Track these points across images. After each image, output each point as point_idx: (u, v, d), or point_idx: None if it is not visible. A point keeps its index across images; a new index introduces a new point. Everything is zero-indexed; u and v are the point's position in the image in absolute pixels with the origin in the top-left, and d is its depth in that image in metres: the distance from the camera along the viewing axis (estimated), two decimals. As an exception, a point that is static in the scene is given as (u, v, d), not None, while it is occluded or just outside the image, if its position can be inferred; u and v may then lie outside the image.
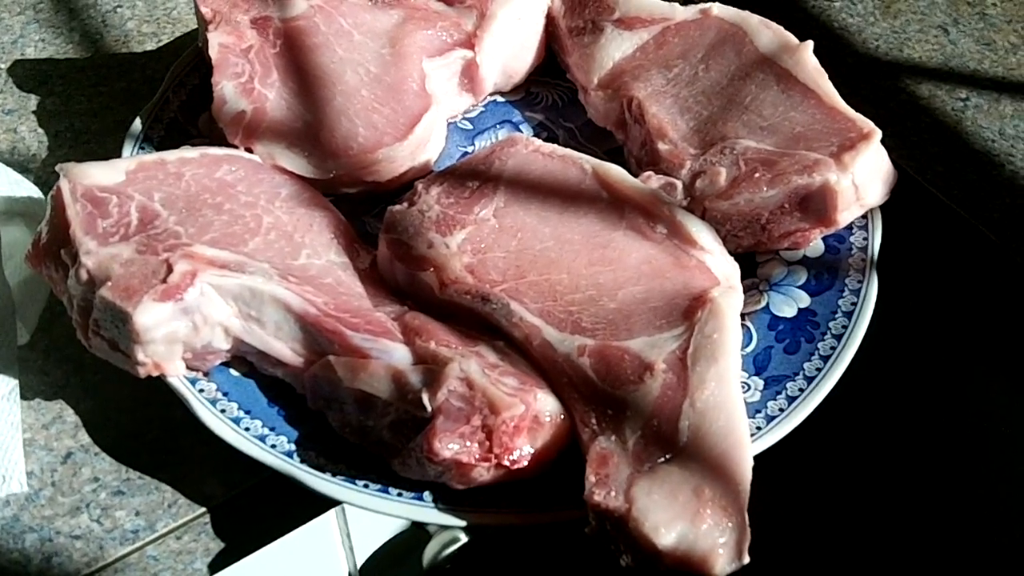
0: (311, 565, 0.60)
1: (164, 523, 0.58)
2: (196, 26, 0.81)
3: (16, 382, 0.61)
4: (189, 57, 0.73)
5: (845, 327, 0.62)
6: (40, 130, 0.74)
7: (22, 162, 0.73)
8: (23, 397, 0.62)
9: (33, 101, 0.76)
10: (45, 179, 0.71)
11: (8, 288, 0.63)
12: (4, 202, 0.65)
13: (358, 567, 0.62)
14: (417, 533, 0.59)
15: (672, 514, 0.49)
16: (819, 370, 0.60)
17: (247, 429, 0.57)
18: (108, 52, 0.79)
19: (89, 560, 0.57)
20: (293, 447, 0.56)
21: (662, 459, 0.51)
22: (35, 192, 0.68)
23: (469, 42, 0.72)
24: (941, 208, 0.73)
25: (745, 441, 0.52)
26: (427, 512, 0.54)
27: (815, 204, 0.63)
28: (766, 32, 0.71)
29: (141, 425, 0.61)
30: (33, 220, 0.66)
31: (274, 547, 0.57)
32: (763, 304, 0.64)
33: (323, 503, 0.59)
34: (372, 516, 0.56)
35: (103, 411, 0.62)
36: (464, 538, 0.56)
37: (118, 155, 0.71)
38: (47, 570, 0.57)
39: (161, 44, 0.80)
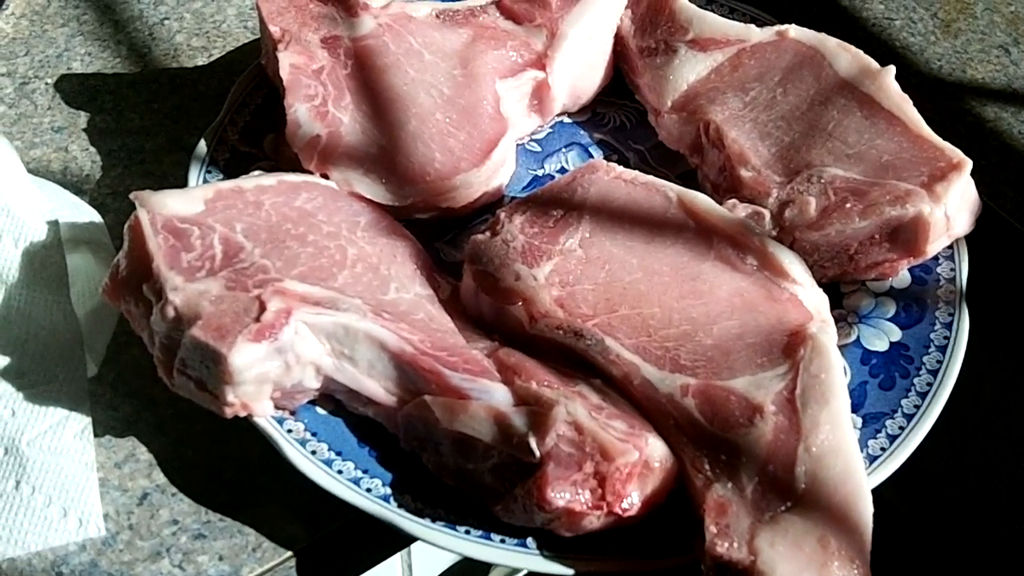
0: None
1: (250, 568, 0.56)
2: (246, 40, 0.78)
3: (89, 419, 0.58)
4: (250, 76, 0.70)
5: (940, 362, 0.61)
6: (92, 149, 0.71)
7: (76, 183, 0.70)
8: (93, 434, 0.59)
9: (83, 118, 0.73)
10: (101, 201, 0.68)
11: (76, 319, 0.60)
12: (68, 228, 0.62)
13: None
14: (474, 564, 0.57)
15: (799, 566, 0.48)
16: (917, 407, 0.59)
17: (340, 472, 0.55)
18: (158, 67, 0.76)
19: (173, 607, 0.55)
20: (389, 490, 0.54)
21: (783, 507, 0.50)
22: (96, 216, 0.66)
23: (540, 62, 0.70)
24: (1014, 234, 0.72)
25: (864, 486, 0.51)
26: (532, 560, 0.52)
27: (905, 235, 0.62)
28: (845, 56, 0.69)
29: (218, 464, 0.59)
30: (98, 247, 0.63)
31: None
32: (854, 337, 0.62)
33: (399, 542, 0.57)
34: (431, 549, 0.54)
35: (177, 449, 0.60)
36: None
37: (175, 175, 0.69)
38: (129, 618, 0.55)
39: (212, 59, 0.77)
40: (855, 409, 0.59)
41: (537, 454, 0.51)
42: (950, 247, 0.65)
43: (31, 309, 0.60)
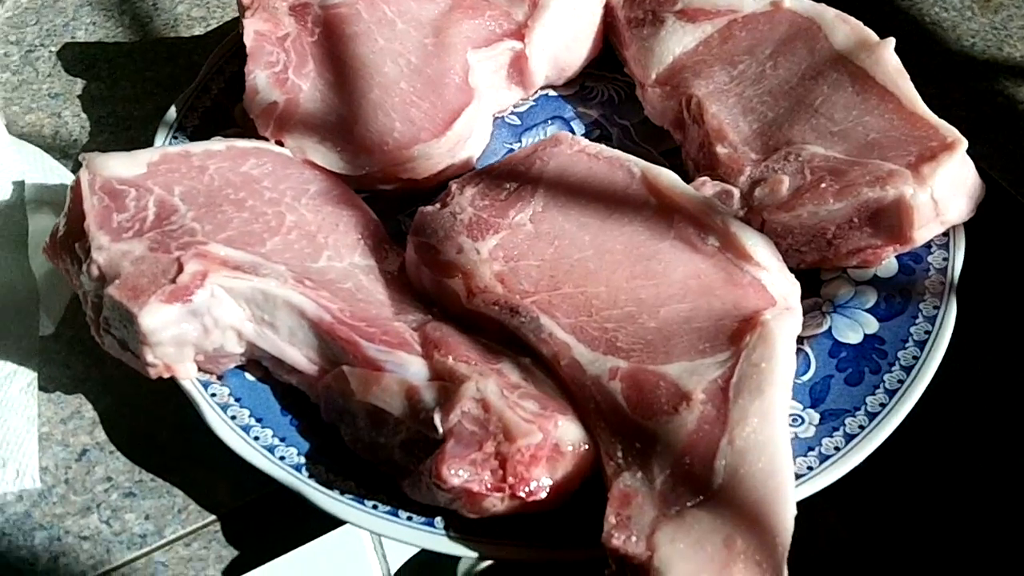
0: (341, 572, 0.58)
1: (173, 529, 0.56)
2: (245, 11, 0.78)
3: (35, 375, 0.60)
4: (230, 44, 0.70)
5: (916, 358, 0.56)
6: (84, 115, 0.73)
7: (64, 147, 0.71)
8: (43, 390, 0.60)
9: (79, 85, 0.75)
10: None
11: (33, 278, 0.61)
12: (35, 189, 0.63)
13: (392, 574, 0.59)
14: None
15: (697, 566, 0.44)
16: (883, 406, 0.54)
17: (256, 438, 0.54)
18: (156, 36, 0.77)
19: (96, 563, 0.55)
20: (302, 460, 0.53)
21: (692, 503, 0.47)
22: (69, 179, 0.67)
23: (519, 32, 0.67)
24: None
25: (788, 487, 0.47)
26: (437, 540, 0.50)
27: (888, 220, 0.57)
28: (843, 27, 0.64)
29: (156, 425, 0.59)
30: (62, 209, 0.64)
31: (302, 552, 0.54)
32: (825, 328, 0.58)
33: (331, 520, 0.56)
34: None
35: (120, 408, 0.60)
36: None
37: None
38: (53, 570, 0.55)
39: (209, 29, 0.77)
40: (814, 404, 0.55)
41: (440, 430, 0.49)
42: (945, 234, 0.60)
43: (-10, 266, 0.61)
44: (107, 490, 0.57)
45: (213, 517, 0.56)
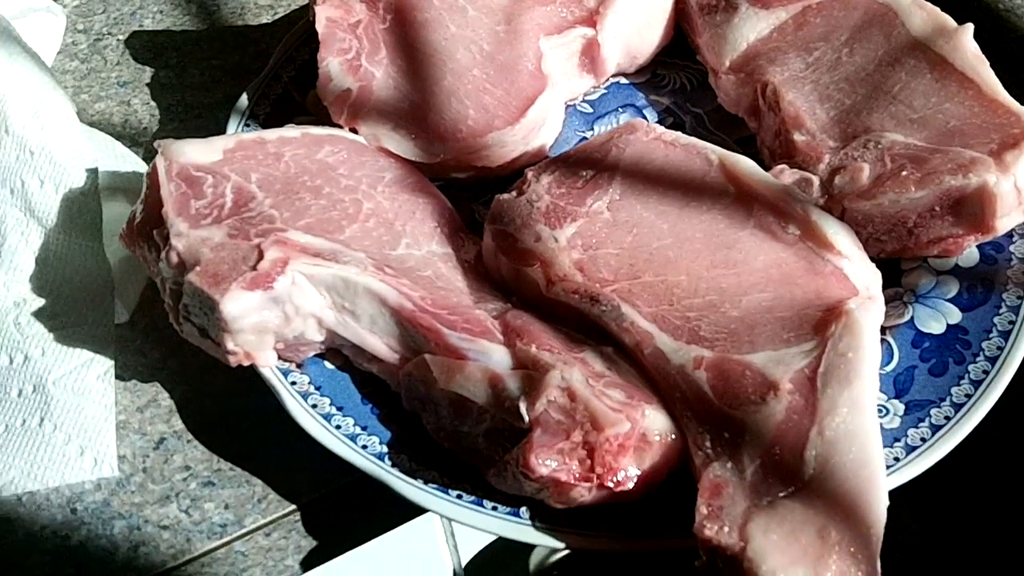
0: (414, 563, 0.58)
1: (253, 518, 0.56)
2: (311, -1, 0.78)
3: (111, 363, 0.60)
4: (300, 31, 0.70)
5: (1001, 348, 0.55)
6: (153, 103, 0.73)
7: (133, 135, 0.71)
8: (120, 378, 0.61)
9: (148, 74, 0.75)
10: (154, 154, 0.70)
11: (108, 265, 0.62)
12: (108, 177, 0.64)
13: (463, 566, 0.59)
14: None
15: (792, 558, 0.44)
16: (968, 396, 0.53)
17: (338, 427, 0.54)
18: (224, 24, 0.77)
19: (176, 552, 0.56)
20: (385, 449, 0.53)
21: (784, 493, 0.46)
22: (141, 167, 0.67)
23: (591, 19, 0.67)
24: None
25: (880, 477, 0.46)
26: (523, 530, 0.50)
27: (970, 208, 0.56)
28: (919, 13, 0.63)
29: (235, 414, 0.59)
30: (136, 196, 0.64)
31: (376, 544, 0.55)
32: (907, 318, 0.57)
33: (413, 508, 0.56)
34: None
35: (198, 397, 0.60)
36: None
37: (225, 131, 0.70)
38: (133, 559, 0.55)
39: (277, 16, 0.77)
40: (899, 395, 0.54)
41: (526, 419, 0.49)
42: (1027, 223, 0.59)
43: (67, 253, 0.61)
44: (185, 479, 0.58)
45: (293, 507, 0.56)
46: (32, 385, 0.59)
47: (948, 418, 0.53)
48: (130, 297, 0.63)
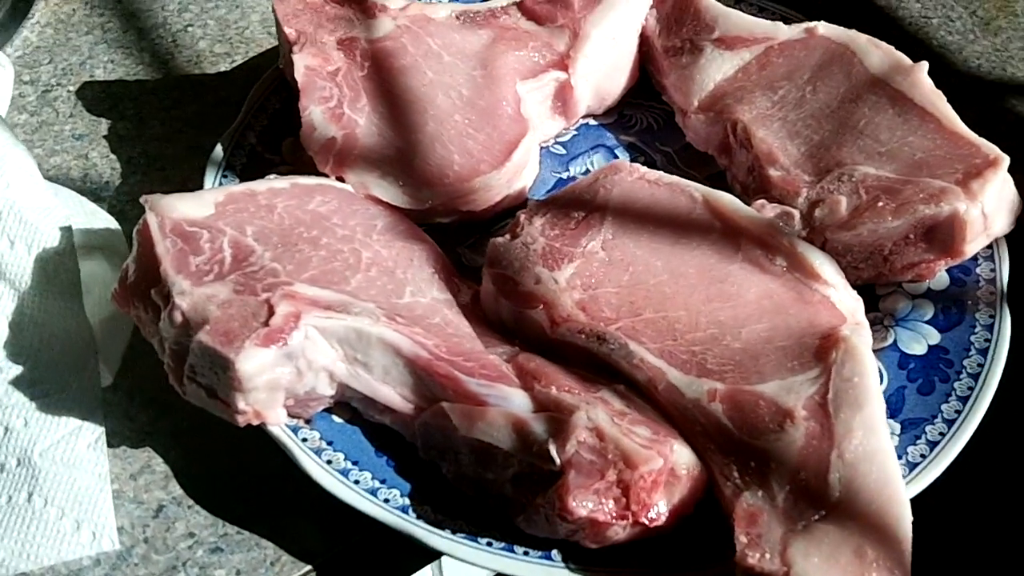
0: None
1: (266, 582, 0.55)
2: (270, 46, 0.77)
3: (102, 429, 0.57)
4: (269, 80, 0.69)
5: (981, 365, 0.58)
6: (112, 156, 0.71)
7: (95, 190, 0.69)
8: (108, 444, 0.58)
9: (104, 125, 0.72)
10: (120, 208, 0.67)
11: (89, 326, 0.59)
12: (82, 235, 0.61)
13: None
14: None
15: (834, 578, 0.45)
16: (959, 412, 0.56)
17: (357, 482, 0.53)
18: (180, 73, 0.75)
19: (187, 623, 0.53)
20: (407, 501, 0.53)
21: (816, 516, 0.48)
22: (112, 223, 0.65)
23: (562, 63, 0.68)
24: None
25: (902, 493, 0.49)
26: (558, 573, 0.50)
27: (942, 234, 0.60)
28: (876, 52, 0.67)
29: (236, 475, 0.57)
30: (113, 253, 0.62)
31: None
32: (890, 341, 0.60)
33: (423, 556, 0.55)
34: (462, 564, 0.52)
35: (194, 460, 0.58)
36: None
37: (194, 182, 0.68)
38: (143, 636, 0.53)
39: (235, 65, 0.76)
40: (893, 415, 0.57)
41: (558, 462, 0.49)
42: (989, 247, 0.63)
43: (44, 317, 0.59)
44: (191, 547, 0.55)
45: (308, 567, 0.55)
46: (16, 459, 0.56)
47: (943, 434, 0.56)
48: (113, 359, 0.60)
